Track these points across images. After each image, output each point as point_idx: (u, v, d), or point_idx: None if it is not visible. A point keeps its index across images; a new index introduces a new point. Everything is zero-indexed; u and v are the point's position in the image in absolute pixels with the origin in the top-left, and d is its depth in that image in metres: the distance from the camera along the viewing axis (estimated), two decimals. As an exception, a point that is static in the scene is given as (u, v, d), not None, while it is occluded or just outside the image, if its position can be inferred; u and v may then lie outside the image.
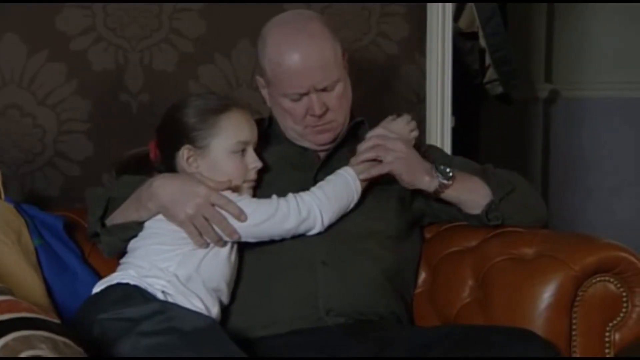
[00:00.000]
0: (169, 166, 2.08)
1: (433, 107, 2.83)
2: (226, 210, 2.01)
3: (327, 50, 2.14)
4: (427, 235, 2.29)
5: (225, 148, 2.05)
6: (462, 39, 3.45)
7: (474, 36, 3.51)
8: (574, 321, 2.03)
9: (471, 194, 2.16)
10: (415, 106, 2.83)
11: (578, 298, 2.04)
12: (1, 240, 2.02)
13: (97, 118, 2.48)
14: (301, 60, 2.11)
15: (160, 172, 2.08)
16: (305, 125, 2.18)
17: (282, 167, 2.18)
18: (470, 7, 3.47)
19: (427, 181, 2.12)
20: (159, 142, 2.10)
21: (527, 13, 4.34)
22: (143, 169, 2.12)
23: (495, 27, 3.50)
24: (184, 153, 2.04)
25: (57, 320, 1.58)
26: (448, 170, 2.13)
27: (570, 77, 4.45)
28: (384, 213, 2.14)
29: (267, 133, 2.24)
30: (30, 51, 2.37)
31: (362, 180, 2.11)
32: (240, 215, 2.00)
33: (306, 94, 2.14)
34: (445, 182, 2.12)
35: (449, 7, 2.85)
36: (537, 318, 2.02)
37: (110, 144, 2.46)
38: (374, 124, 2.31)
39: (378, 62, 2.77)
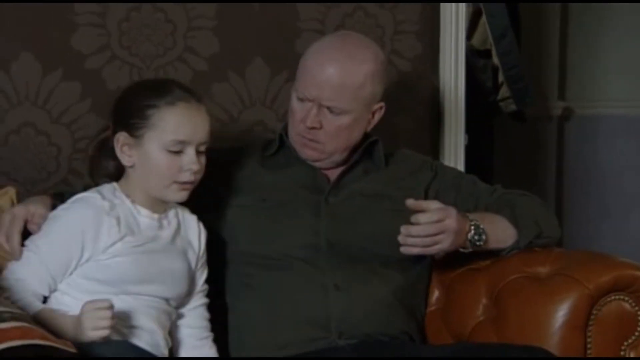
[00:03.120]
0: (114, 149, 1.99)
1: (446, 125, 2.83)
2: None
3: (355, 80, 2.13)
4: (440, 253, 2.29)
5: (159, 144, 1.94)
6: (475, 56, 3.45)
7: (487, 54, 3.51)
8: (589, 340, 2.03)
9: (499, 244, 2.15)
10: (428, 124, 2.83)
11: (592, 317, 2.03)
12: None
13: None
14: (324, 69, 2.12)
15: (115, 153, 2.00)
16: (297, 133, 2.18)
17: (294, 188, 2.18)
18: (483, 25, 3.47)
19: (461, 250, 2.12)
20: (112, 120, 2.03)
21: (540, 30, 4.34)
22: (105, 148, 2.04)
23: (508, 44, 3.49)
24: (119, 139, 1.96)
25: (72, 350, 1.56)
26: (481, 233, 2.10)
27: (583, 94, 4.44)
28: (393, 238, 2.09)
29: (277, 155, 2.24)
30: (45, 70, 2.38)
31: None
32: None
33: (311, 101, 2.13)
34: (477, 248, 2.12)
35: (462, 24, 2.85)
36: (551, 337, 2.02)
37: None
38: (386, 141, 2.31)
39: (391, 80, 2.77)
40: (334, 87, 2.12)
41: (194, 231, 2.08)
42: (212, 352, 2.09)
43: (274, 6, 2.59)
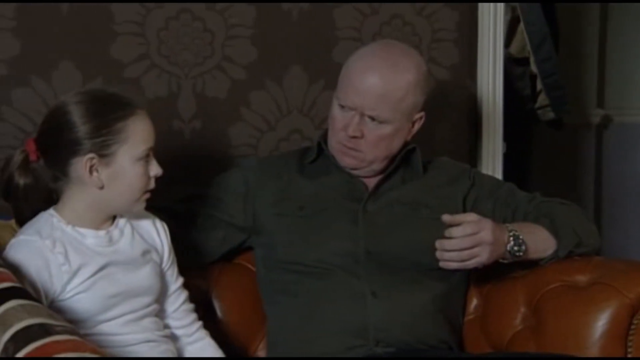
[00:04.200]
0: (60, 172, 1.88)
1: (484, 133, 2.82)
2: None
3: (397, 90, 2.12)
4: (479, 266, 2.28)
5: (132, 156, 1.87)
6: (513, 64, 3.44)
7: (525, 61, 3.49)
8: (629, 350, 2.01)
9: (539, 253, 2.13)
10: (466, 132, 2.82)
11: (633, 327, 2.01)
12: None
13: (150, 144, 2.50)
14: (366, 78, 2.11)
15: (38, 175, 1.89)
16: (337, 140, 2.17)
17: (332, 196, 2.18)
18: (521, 33, 3.46)
19: (501, 260, 2.10)
20: (44, 145, 1.89)
21: (579, 38, 4.32)
22: (27, 171, 1.90)
23: (547, 52, 3.48)
24: (86, 163, 1.84)
25: None
26: (521, 244, 2.07)
27: (622, 102, 4.41)
28: (430, 246, 2.07)
29: (315, 163, 2.24)
30: (85, 79, 2.40)
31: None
32: None
33: (353, 109, 2.13)
34: (516, 259, 2.09)
35: (500, 32, 2.84)
36: (591, 347, 2.00)
37: (163, 171, 2.48)
38: (424, 148, 2.31)
39: (430, 88, 2.77)
40: (377, 96, 2.11)
41: (152, 230, 2.02)
42: (206, 341, 2.06)
43: (312, 15, 2.60)
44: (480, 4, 2.80)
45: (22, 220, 1.93)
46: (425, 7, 2.73)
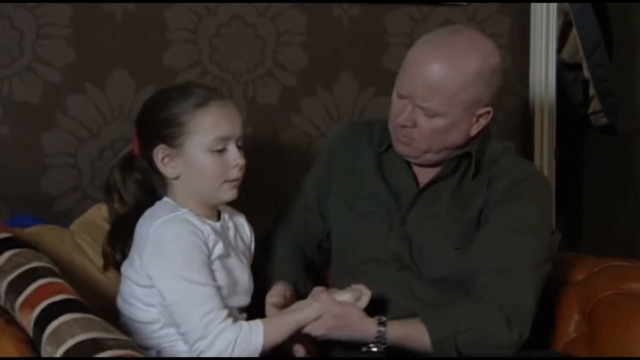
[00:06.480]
0: (150, 163, 1.94)
1: (537, 138, 2.80)
2: None
3: (454, 82, 1.97)
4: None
5: (202, 147, 1.88)
6: (565, 69, 3.41)
7: (577, 67, 3.46)
8: (686, 359, 1.98)
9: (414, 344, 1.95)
10: (518, 138, 2.81)
11: (689, 335, 1.99)
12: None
13: (202, 150, 2.52)
14: (421, 68, 1.98)
15: (143, 168, 1.96)
16: (392, 127, 2.08)
17: (385, 200, 2.12)
18: (574, 38, 3.42)
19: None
20: (139, 136, 1.97)
21: (632, 42, 4.27)
22: (129, 166, 1.99)
23: (600, 58, 3.44)
24: (158, 153, 1.90)
25: None
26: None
27: (677, 107, 4.35)
28: (452, 272, 2.03)
29: (387, 153, 2.15)
30: (138, 86, 2.42)
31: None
32: None
33: (407, 98, 2.01)
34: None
35: (553, 38, 2.83)
36: (646, 355, 1.98)
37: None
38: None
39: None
40: (429, 87, 1.97)
41: (248, 231, 2.05)
42: None
43: (362, 21, 2.60)
44: (532, 9, 2.79)
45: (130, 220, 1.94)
46: (477, 12, 2.72)
